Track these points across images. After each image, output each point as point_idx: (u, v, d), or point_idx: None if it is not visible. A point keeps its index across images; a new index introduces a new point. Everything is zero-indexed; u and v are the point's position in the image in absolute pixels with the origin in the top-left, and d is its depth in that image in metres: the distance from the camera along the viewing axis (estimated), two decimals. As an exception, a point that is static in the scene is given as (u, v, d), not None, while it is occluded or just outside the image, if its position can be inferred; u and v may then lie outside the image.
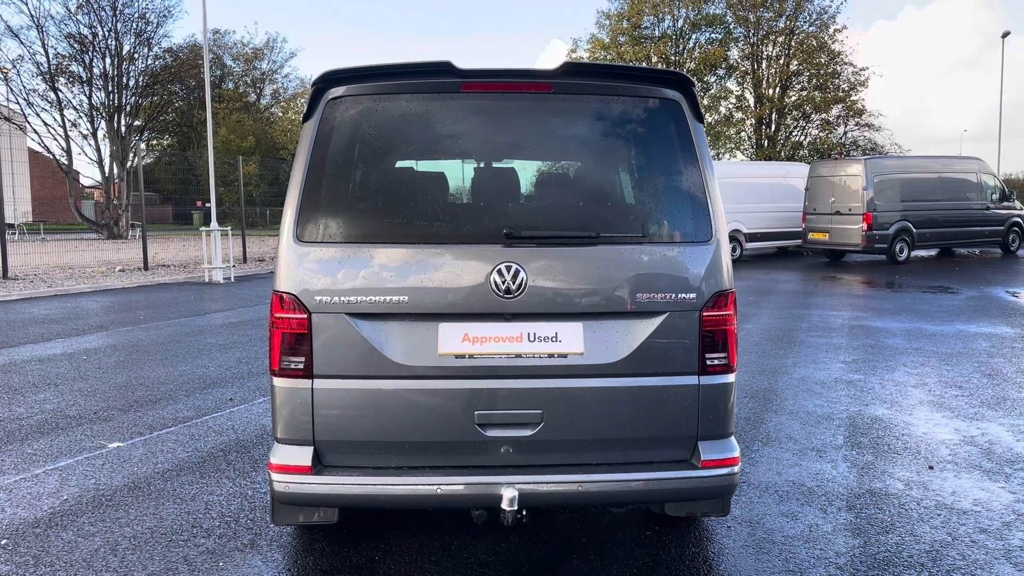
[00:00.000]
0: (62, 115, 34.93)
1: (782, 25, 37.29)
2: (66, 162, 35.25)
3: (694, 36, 38.86)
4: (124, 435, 5.35)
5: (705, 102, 36.64)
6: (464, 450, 3.00)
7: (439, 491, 2.94)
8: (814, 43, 37.02)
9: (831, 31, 37.05)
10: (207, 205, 20.79)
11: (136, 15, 35.74)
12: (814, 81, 37.58)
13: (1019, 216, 21.26)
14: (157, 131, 46.67)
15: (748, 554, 3.51)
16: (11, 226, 28.79)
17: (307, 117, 3.11)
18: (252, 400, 6.28)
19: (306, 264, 2.98)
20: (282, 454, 3.01)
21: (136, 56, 36.83)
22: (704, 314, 3.06)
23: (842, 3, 52.76)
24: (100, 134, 36.41)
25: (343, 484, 2.96)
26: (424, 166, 3.44)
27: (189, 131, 48.20)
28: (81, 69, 35.74)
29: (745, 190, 20.05)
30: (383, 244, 2.98)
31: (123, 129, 36.74)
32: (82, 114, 36.45)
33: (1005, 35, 38.01)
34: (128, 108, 36.99)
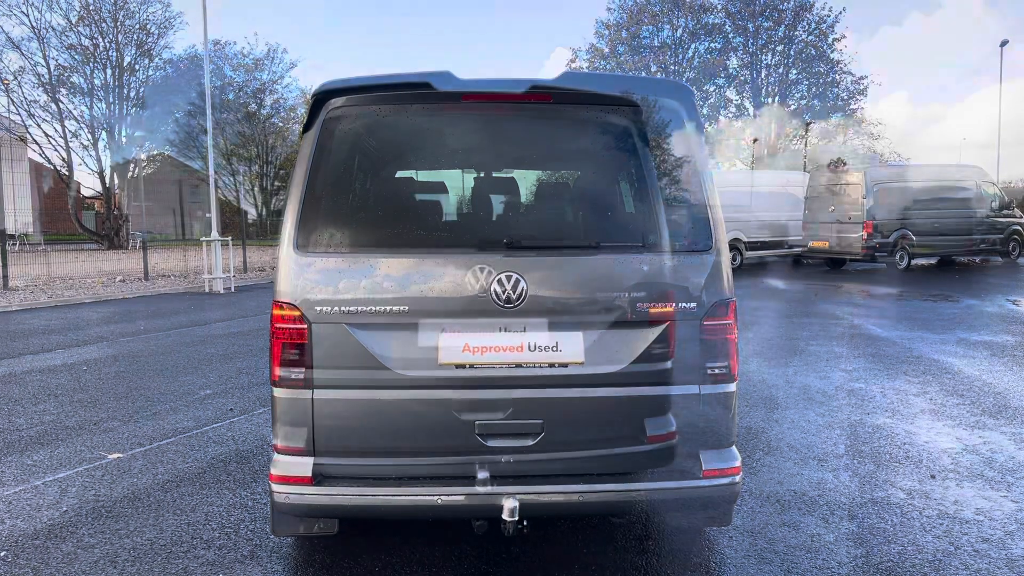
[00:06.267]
0: (63, 126, 35.07)
1: (781, 34, 37.49)
2: (67, 173, 35.33)
3: (693, 45, 39.07)
4: (124, 446, 5.34)
5: (704, 111, 36.71)
6: (465, 460, 2.99)
7: (440, 501, 2.93)
8: (813, 52, 37.19)
9: (830, 40, 37.25)
10: (208, 215, 20.79)
11: (137, 26, 35.97)
12: (813, 90, 37.73)
13: (1019, 224, 21.28)
14: (158, 142, 46.77)
15: (750, 564, 3.49)
16: (11, 237, 28.83)
17: (307, 128, 3.11)
18: (252, 411, 6.26)
19: (306, 274, 2.98)
20: (283, 465, 3.00)
21: (137, 67, 37.01)
22: (704, 323, 3.05)
23: (841, 12, 52.88)
24: (101, 145, 36.54)
25: (344, 495, 2.96)
26: (424, 176, 3.45)
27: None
28: (82, 80, 35.90)
29: (745, 199, 20.14)
30: (383, 254, 2.98)
31: (123, 140, 36.87)
32: (83, 125, 36.61)
33: (1003, 44, 38.20)
34: (129, 119, 37.12)
